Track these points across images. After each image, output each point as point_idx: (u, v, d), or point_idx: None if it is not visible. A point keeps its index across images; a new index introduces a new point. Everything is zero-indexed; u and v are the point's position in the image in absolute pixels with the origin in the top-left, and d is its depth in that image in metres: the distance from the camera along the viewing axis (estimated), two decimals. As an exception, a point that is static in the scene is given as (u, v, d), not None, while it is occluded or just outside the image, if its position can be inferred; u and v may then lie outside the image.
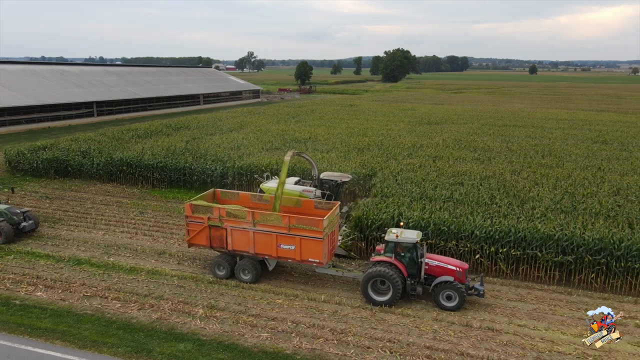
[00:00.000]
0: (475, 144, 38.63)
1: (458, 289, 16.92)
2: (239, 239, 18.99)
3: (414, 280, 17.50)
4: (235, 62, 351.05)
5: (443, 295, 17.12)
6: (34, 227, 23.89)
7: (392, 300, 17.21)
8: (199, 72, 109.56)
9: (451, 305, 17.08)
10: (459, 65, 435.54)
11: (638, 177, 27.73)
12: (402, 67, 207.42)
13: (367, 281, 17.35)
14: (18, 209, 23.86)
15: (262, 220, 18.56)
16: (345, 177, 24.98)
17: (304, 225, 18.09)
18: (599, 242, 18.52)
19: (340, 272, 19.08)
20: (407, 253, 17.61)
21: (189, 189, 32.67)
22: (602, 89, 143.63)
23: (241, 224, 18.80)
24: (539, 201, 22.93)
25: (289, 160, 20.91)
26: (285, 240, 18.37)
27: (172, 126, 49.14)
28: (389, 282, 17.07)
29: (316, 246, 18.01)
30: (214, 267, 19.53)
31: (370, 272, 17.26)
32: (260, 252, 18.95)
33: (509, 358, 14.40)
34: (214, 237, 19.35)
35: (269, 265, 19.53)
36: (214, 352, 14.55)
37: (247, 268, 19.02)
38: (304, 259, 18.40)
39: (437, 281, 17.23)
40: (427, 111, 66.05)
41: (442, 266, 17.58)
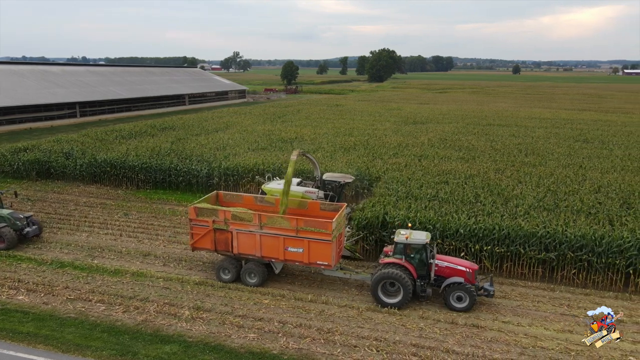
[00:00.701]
0: (460, 143, 39.01)
1: (469, 290, 16.80)
2: (245, 242, 18.60)
3: (423, 282, 17.36)
4: (221, 62, 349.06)
5: (453, 296, 16.98)
6: (38, 233, 23.03)
7: (402, 302, 16.99)
8: (184, 72, 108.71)
9: (462, 306, 16.94)
10: (443, 65, 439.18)
11: (618, 175, 28.30)
12: (388, 67, 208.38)
13: (377, 283, 17.09)
14: (21, 214, 22.97)
15: (269, 223, 18.18)
16: (348, 178, 24.76)
17: (312, 228, 17.78)
18: (580, 239, 18.85)
19: (348, 275, 18.72)
20: (417, 254, 17.43)
21: (174, 189, 32.41)
22: (583, 88, 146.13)
23: (247, 227, 18.41)
24: (522, 199, 23.24)
25: (295, 160, 20.43)
26: (292, 243, 18.04)
27: (157, 127, 48.69)
28: (399, 284, 16.85)
29: (325, 249, 17.74)
30: (218, 271, 19.15)
31: (381, 274, 16.99)
32: (266, 255, 18.59)
33: (493, 354, 14.59)
34: (219, 240, 18.93)
35: (275, 269, 19.11)
36: (200, 353, 14.47)
37: (254, 271, 18.65)
38: (312, 262, 18.09)
39: (447, 282, 17.07)
40: (412, 111, 66.49)
41: (452, 267, 17.41)
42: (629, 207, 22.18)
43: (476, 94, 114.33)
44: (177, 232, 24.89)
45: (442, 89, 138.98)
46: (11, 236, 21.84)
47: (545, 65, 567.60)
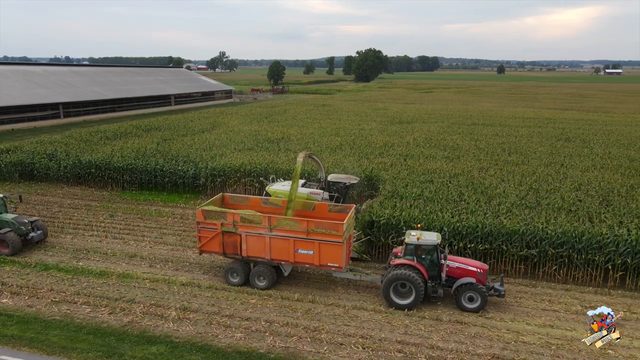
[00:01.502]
0: (445, 143, 39.46)
1: (480, 290, 16.84)
2: (254, 245, 18.43)
3: (434, 283, 17.43)
4: (207, 62, 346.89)
5: (465, 296, 17.01)
6: (43, 238, 22.57)
7: (414, 303, 16.97)
8: (169, 72, 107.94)
9: (473, 306, 16.98)
10: (429, 65, 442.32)
11: (598, 173, 28.93)
12: (375, 67, 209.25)
13: (389, 285, 17.05)
14: (26, 219, 22.50)
15: (279, 225, 18.06)
16: (353, 179, 24.82)
17: (323, 230, 17.70)
18: (561, 235, 19.29)
19: (358, 276, 18.63)
20: (428, 255, 17.44)
21: (160, 191, 32.27)
22: (566, 88, 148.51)
23: (257, 230, 18.24)
24: (505, 197, 23.66)
25: (302, 162, 20.31)
26: (303, 245, 17.90)
27: (143, 127, 48.35)
28: (411, 286, 16.84)
29: (336, 250, 17.67)
30: (227, 274, 18.96)
31: (393, 275, 16.94)
32: (276, 258, 18.40)
33: (476, 349, 14.88)
34: (228, 243, 18.70)
35: (284, 271, 18.95)
36: (187, 353, 14.51)
37: (263, 274, 18.50)
38: (323, 264, 17.96)
39: (459, 283, 17.09)
40: (398, 110, 66.96)
41: (463, 268, 17.47)
42: (608, 205, 22.72)
43: (461, 94, 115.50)
44: (164, 233, 24.82)
45: (428, 89, 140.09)
46: (16, 241, 21.32)
47: (529, 65, 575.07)
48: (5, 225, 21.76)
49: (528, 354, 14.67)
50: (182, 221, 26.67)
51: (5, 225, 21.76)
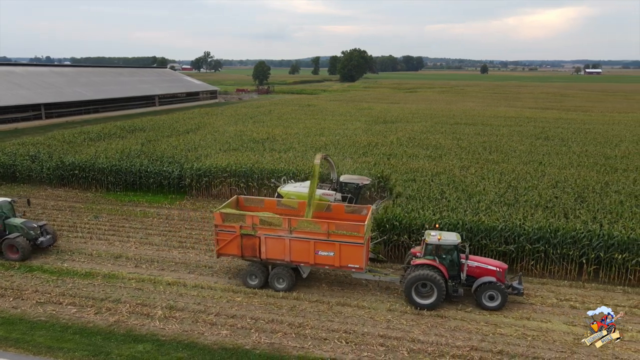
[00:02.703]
0: (427, 142, 40.11)
1: (501, 289, 17.06)
2: (273, 247, 18.39)
3: (455, 282, 17.64)
4: (192, 62, 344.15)
5: (485, 295, 17.22)
6: (52, 242, 22.21)
7: (436, 303, 17.10)
8: (153, 73, 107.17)
9: (494, 305, 17.19)
10: (414, 65, 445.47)
11: (574, 171, 29.80)
12: (360, 67, 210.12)
13: (411, 285, 17.16)
14: (35, 223, 22.04)
15: (299, 227, 18.08)
16: (365, 180, 25.04)
17: (344, 231, 17.77)
18: (537, 231, 19.94)
19: (377, 277, 18.72)
20: (448, 255, 17.66)
21: (145, 191, 32.27)
22: (547, 87, 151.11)
23: (276, 232, 18.22)
24: (485, 195, 24.28)
25: (319, 164, 20.37)
26: (323, 247, 17.91)
27: (127, 128, 48.13)
28: (433, 285, 16.97)
29: (356, 251, 17.74)
30: (245, 276, 18.89)
31: (415, 275, 17.04)
32: (296, 260, 18.42)
33: (456, 342, 15.38)
34: (246, 246, 18.62)
35: (302, 273, 18.96)
36: (174, 351, 14.74)
37: (282, 276, 18.49)
38: (343, 265, 18.04)
39: (480, 282, 17.30)
40: (383, 110, 67.62)
41: (483, 267, 17.72)
42: (583, 201, 23.49)
43: (445, 94, 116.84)
44: (149, 233, 24.91)
45: (412, 89, 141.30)
46: (26, 246, 21.00)
47: (512, 65, 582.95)
48: (14, 230, 21.35)
49: (505, 345, 15.22)
50: (168, 222, 26.78)
51: (14, 230, 21.35)
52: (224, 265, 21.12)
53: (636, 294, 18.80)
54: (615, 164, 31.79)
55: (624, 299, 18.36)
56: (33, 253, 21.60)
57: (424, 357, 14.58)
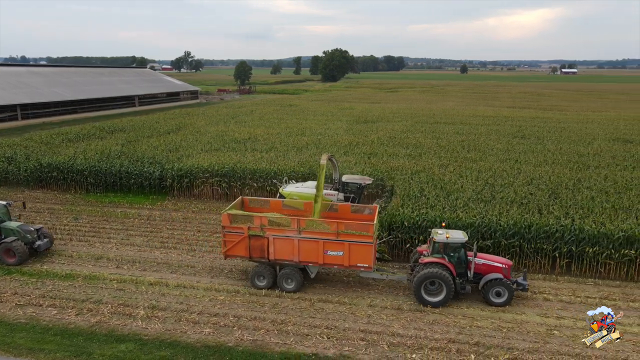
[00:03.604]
0: (408, 141, 40.71)
1: (507, 285, 17.41)
2: (282, 247, 18.36)
3: (462, 279, 17.92)
4: (172, 62, 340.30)
5: (493, 292, 17.54)
6: (49, 246, 21.94)
7: (445, 300, 17.35)
8: (133, 73, 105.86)
9: (500, 301, 17.52)
10: (395, 65, 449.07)
11: (549, 168, 30.69)
12: (341, 67, 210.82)
13: (420, 283, 17.35)
14: (31, 226, 21.75)
15: (308, 227, 18.12)
16: (367, 179, 25.31)
17: (354, 231, 17.88)
18: (512, 227, 20.56)
19: (384, 275, 18.92)
20: (455, 253, 17.92)
21: (126, 192, 32.06)
22: (525, 87, 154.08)
23: (285, 232, 18.23)
24: (463, 192, 24.86)
25: (325, 164, 20.50)
26: (332, 247, 17.96)
27: (106, 129, 47.62)
28: (442, 283, 17.20)
29: (366, 251, 17.86)
30: (253, 277, 18.82)
31: (425, 273, 17.23)
32: (304, 260, 18.42)
33: (434, 335, 15.82)
34: (254, 247, 18.54)
35: (310, 273, 18.97)
36: (156, 350, 14.83)
37: (291, 277, 18.47)
38: (352, 264, 18.13)
39: (487, 279, 17.59)
40: (364, 110, 68.19)
41: (489, 264, 18.07)
42: (556, 197, 24.25)
43: (426, 93, 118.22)
44: (130, 234, 24.82)
45: (394, 89, 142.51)
46: (22, 250, 20.63)
47: (491, 65, 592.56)
48: (10, 234, 20.96)
49: (481, 337, 15.73)
50: (149, 222, 26.70)
51: (11, 233, 20.96)
52: (206, 264, 21.23)
53: (606, 286, 19.57)
54: (587, 162, 32.83)
55: (595, 291, 19.09)
56: (30, 257, 21.30)
57: (403, 350, 14.97)
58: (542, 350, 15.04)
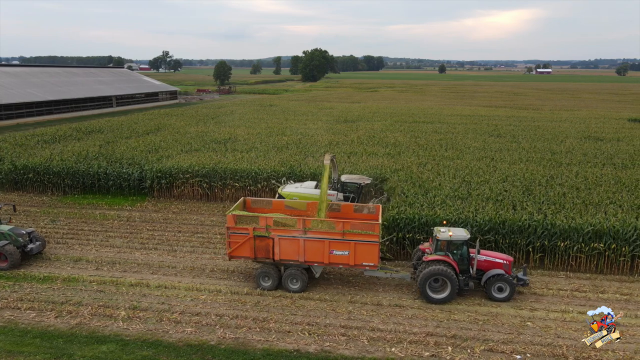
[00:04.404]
0: (387, 140, 41.25)
1: (509, 280, 17.83)
2: (287, 248, 18.43)
3: (465, 276, 18.24)
4: (150, 61, 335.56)
5: (495, 287, 17.94)
6: (42, 249, 21.57)
7: (450, 297, 17.72)
8: (110, 73, 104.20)
9: (502, 296, 17.96)
10: (375, 64, 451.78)
11: (523, 166, 31.56)
12: (321, 67, 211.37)
13: (425, 280, 17.67)
14: (23, 230, 21.29)
15: (314, 227, 18.25)
16: (366, 179, 25.56)
17: (360, 230, 18.04)
18: (487, 222, 21.16)
19: (388, 274, 19.06)
20: (458, 250, 18.23)
21: (105, 194, 31.74)
22: (501, 86, 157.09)
23: (291, 233, 18.31)
24: (440, 190, 25.41)
25: (328, 164, 20.56)
26: (338, 246, 18.13)
27: (83, 130, 46.90)
28: (447, 280, 17.58)
29: (371, 250, 18.07)
30: (258, 278, 18.84)
31: (429, 270, 17.54)
32: (310, 260, 18.53)
33: (412, 329, 16.24)
34: (259, 247, 18.57)
35: (315, 273, 19.15)
36: (138, 350, 14.86)
37: (296, 277, 18.56)
38: (358, 264, 18.29)
39: (489, 275, 18.00)
40: (344, 109, 68.66)
41: (490, 260, 18.47)
42: (529, 194, 24.99)
43: (405, 93, 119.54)
44: (110, 236, 24.64)
45: (373, 88, 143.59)
46: (15, 254, 20.19)
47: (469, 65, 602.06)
48: (1, 238, 20.52)
49: (458, 330, 16.20)
50: (129, 223, 26.53)
51: (1, 237, 20.52)
52: (187, 265, 21.26)
53: (577, 279, 20.32)
54: (560, 159, 33.86)
55: (566, 284, 19.81)
56: (22, 261, 20.95)
57: (383, 345, 15.32)
58: (516, 341, 15.59)
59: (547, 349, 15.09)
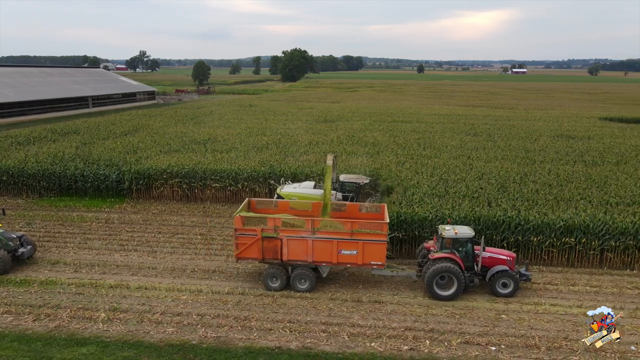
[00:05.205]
0: (366, 139, 41.70)
1: (513, 276, 18.22)
2: (295, 248, 18.51)
3: (470, 273, 18.56)
4: (127, 61, 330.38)
5: (499, 283, 18.32)
6: (33, 253, 21.12)
7: (456, 293, 18.06)
8: (85, 73, 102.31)
9: (506, 291, 18.35)
10: (354, 64, 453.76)
11: (498, 163, 32.35)
12: (301, 67, 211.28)
13: (432, 278, 17.98)
14: (13, 233, 20.74)
15: (322, 228, 18.35)
16: (364, 179, 25.72)
17: (368, 230, 18.23)
18: (463, 219, 21.69)
19: (395, 272, 19.31)
20: (463, 247, 18.57)
21: (82, 196, 31.33)
22: (478, 86, 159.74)
23: (299, 233, 18.41)
24: (419, 188, 25.91)
25: (331, 165, 20.54)
26: (346, 246, 18.30)
27: (58, 131, 46.07)
28: (453, 277, 17.90)
29: (379, 249, 18.29)
30: (266, 279, 18.85)
31: (437, 268, 17.87)
32: (318, 260, 18.66)
33: (392, 324, 16.60)
34: (267, 248, 18.59)
35: (322, 273, 19.24)
36: (119, 351, 14.83)
37: (305, 277, 18.66)
38: (366, 263, 18.47)
39: (493, 271, 18.37)
40: (324, 109, 68.97)
41: (494, 257, 18.87)
42: (504, 191, 25.68)
43: (384, 92, 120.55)
44: (88, 238, 24.38)
45: (353, 88, 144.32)
46: (5, 259, 19.70)
47: (446, 65, 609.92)
48: None
49: (436, 324, 16.63)
50: (108, 225, 26.28)
51: None
52: (168, 265, 21.21)
53: (549, 272, 21.02)
54: (533, 157, 34.82)
55: (539, 277, 20.47)
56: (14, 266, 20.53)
57: (363, 340, 15.63)
58: (491, 333, 16.10)
59: (520, 340, 15.64)
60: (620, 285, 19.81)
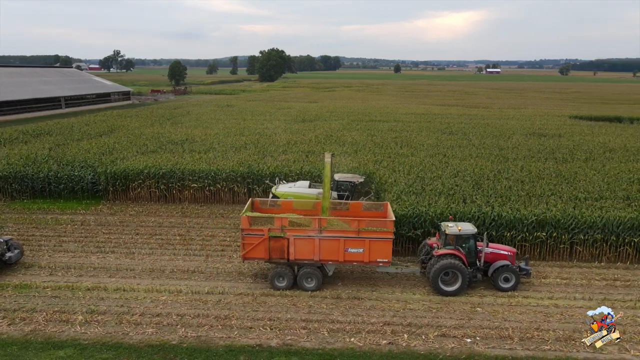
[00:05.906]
0: (344, 139, 42.02)
1: (514, 271, 18.72)
2: (302, 247, 18.60)
3: (473, 268, 18.94)
4: (100, 61, 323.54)
5: (501, 278, 18.79)
6: (20, 257, 20.62)
7: (461, 289, 18.43)
8: (57, 73, 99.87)
9: (508, 286, 18.84)
10: (332, 64, 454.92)
11: (473, 161, 33.09)
12: (278, 67, 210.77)
13: (437, 274, 18.34)
14: (0, 238, 20.23)
15: (329, 226, 18.49)
16: (359, 178, 25.84)
17: (375, 228, 18.44)
18: (439, 216, 22.18)
19: (399, 269, 19.59)
20: (466, 244, 18.94)
21: (56, 198, 30.73)
22: (453, 86, 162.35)
23: (306, 232, 18.49)
24: (396, 186, 26.30)
25: (329, 162, 20.59)
26: (353, 244, 18.48)
27: (30, 132, 44.98)
28: (458, 273, 18.30)
29: (385, 247, 18.53)
30: (273, 279, 18.89)
31: (442, 264, 18.23)
32: (324, 259, 18.78)
33: (370, 319, 16.90)
34: (274, 248, 18.64)
35: (328, 271, 19.35)
36: (98, 353, 14.71)
37: (312, 276, 18.75)
38: (372, 260, 18.68)
39: (496, 266, 18.87)
40: (301, 109, 69.08)
41: (496, 252, 19.33)
42: (479, 187, 26.33)
43: (361, 92, 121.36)
44: (63, 240, 23.97)
45: (330, 88, 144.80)
46: None
47: (423, 65, 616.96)
48: None
49: (413, 318, 17.01)
50: (84, 227, 25.88)
51: None
52: (146, 267, 21.05)
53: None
54: (507, 154, 35.72)
55: (513, 271, 21.06)
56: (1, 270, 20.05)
57: (342, 336, 15.88)
58: (467, 325, 16.57)
59: (494, 332, 16.14)
60: (589, 277, 20.59)
